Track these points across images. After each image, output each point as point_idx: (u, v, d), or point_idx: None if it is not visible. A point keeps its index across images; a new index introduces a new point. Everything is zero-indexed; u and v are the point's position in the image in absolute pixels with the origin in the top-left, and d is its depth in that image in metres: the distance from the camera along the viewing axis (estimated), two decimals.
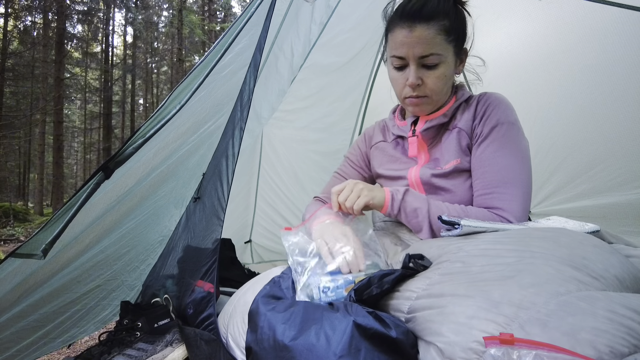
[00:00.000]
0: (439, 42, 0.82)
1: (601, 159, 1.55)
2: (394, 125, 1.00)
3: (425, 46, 0.81)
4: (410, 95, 0.87)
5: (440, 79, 0.85)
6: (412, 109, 0.91)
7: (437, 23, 0.81)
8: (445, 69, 0.85)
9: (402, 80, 0.87)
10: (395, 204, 0.81)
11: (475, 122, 0.87)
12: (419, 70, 0.84)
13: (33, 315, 1.03)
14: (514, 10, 1.75)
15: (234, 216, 2.22)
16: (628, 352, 0.36)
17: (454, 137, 0.88)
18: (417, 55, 0.82)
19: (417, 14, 0.82)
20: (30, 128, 11.70)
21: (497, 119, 0.84)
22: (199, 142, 1.19)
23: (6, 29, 11.50)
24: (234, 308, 0.74)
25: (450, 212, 0.79)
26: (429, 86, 0.85)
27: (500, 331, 0.41)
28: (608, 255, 0.52)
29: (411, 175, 0.91)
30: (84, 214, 0.88)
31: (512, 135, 0.83)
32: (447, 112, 0.90)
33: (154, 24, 16.11)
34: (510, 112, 0.86)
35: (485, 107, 0.87)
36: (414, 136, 0.93)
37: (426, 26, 0.81)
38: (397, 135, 1.00)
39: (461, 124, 0.88)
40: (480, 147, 0.85)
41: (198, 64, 0.99)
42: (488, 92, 0.91)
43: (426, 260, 0.63)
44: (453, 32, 0.84)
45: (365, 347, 0.48)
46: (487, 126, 0.84)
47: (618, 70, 1.42)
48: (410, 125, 0.95)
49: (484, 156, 0.84)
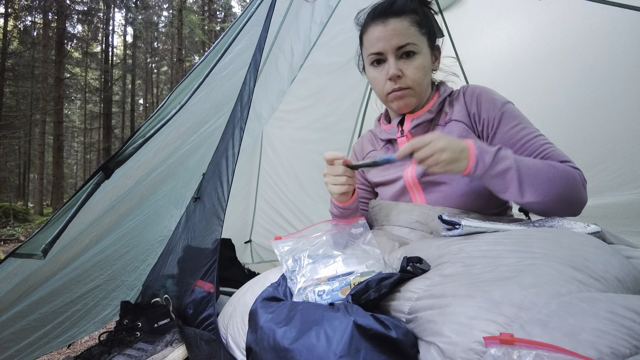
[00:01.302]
0: (413, 32, 0.85)
1: (601, 158, 1.55)
2: (381, 130, 1.01)
3: (401, 37, 0.85)
4: (393, 89, 0.88)
5: (419, 70, 0.87)
6: (396, 104, 0.91)
7: (408, 16, 0.86)
8: (423, 60, 0.87)
9: (382, 76, 0.89)
10: (479, 169, 0.73)
11: (473, 111, 0.87)
12: (398, 62, 0.86)
13: (33, 315, 1.03)
14: (514, 10, 1.75)
15: (234, 216, 2.22)
16: (629, 353, 0.36)
17: (447, 130, 0.88)
18: (394, 46, 0.85)
19: (388, 10, 0.86)
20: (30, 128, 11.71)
21: (501, 102, 0.86)
22: (199, 142, 1.18)
23: (6, 29, 11.51)
24: (233, 308, 0.74)
25: (537, 167, 0.74)
26: (409, 77, 0.87)
27: (501, 331, 0.41)
28: (609, 256, 0.52)
29: (407, 175, 0.91)
30: (84, 214, 0.88)
31: (517, 110, 0.87)
32: (432, 109, 0.91)
33: (154, 24, 16.11)
34: (499, 95, 0.89)
35: (477, 96, 0.88)
36: (402, 136, 0.93)
37: (398, 19, 0.85)
38: (386, 141, 1.01)
39: (455, 116, 0.89)
40: (501, 129, 0.85)
41: (198, 64, 0.99)
42: (470, 84, 0.93)
43: (424, 264, 0.63)
44: (424, 26, 0.88)
45: (365, 348, 0.48)
46: (493, 111, 0.86)
47: (618, 70, 1.42)
48: (397, 126, 0.95)
49: (512, 133, 0.84)
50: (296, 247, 0.77)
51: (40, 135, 10.42)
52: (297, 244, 0.78)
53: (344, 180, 0.82)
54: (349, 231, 0.81)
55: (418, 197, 0.90)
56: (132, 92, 17.90)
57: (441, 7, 1.93)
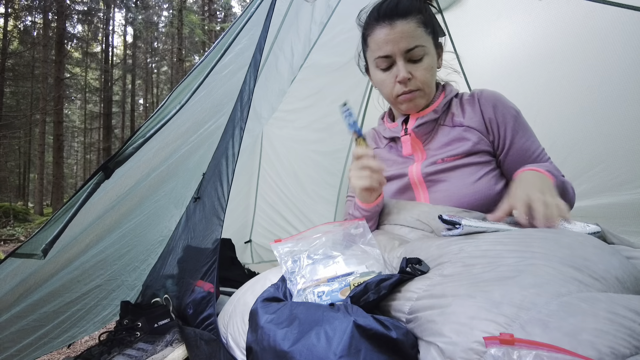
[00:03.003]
0: (420, 34, 0.84)
1: (601, 158, 1.55)
2: (385, 129, 1.01)
3: (409, 39, 0.83)
4: (403, 92, 0.88)
5: (428, 71, 0.87)
6: (405, 105, 0.91)
7: (414, 17, 0.84)
8: (431, 61, 0.87)
9: (391, 79, 0.88)
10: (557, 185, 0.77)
11: (489, 116, 0.88)
12: (407, 65, 0.86)
13: (33, 315, 1.03)
14: (514, 10, 1.75)
15: (234, 216, 2.22)
16: (629, 353, 0.36)
17: (456, 133, 0.89)
18: (403, 49, 0.84)
19: (393, 12, 0.84)
20: (30, 128, 11.71)
21: (515, 111, 0.89)
22: (199, 142, 1.18)
23: (6, 29, 11.51)
24: (233, 308, 0.74)
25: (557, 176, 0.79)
26: (419, 79, 0.86)
27: (501, 331, 0.41)
28: (609, 256, 0.52)
29: (412, 172, 0.91)
30: (84, 214, 0.88)
31: (525, 120, 0.90)
32: (437, 108, 0.91)
33: (154, 24, 16.11)
34: (511, 102, 0.91)
35: (494, 103, 0.89)
36: (406, 135, 0.93)
37: (405, 21, 0.84)
38: (389, 139, 1.00)
39: (468, 122, 0.89)
40: (518, 140, 0.88)
41: (198, 64, 0.99)
42: (484, 89, 0.92)
43: (424, 265, 0.62)
44: (429, 25, 0.87)
45: (365, 348, 0.48)
46: (510, 120, 0.88)
47: (618, 70, 1.42)
48: (401, 124, 0.95)
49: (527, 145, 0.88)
50: (295, 249, 0.77)
51: (40, 135, 10.42)
52: (296, 246, 0.78)
53: (367, 173, 0.80)
54: (349, 232, 0.80)
55: (422, 195, 0.90)
56: (132, 92, 17.90)
57: (441, 7, 1.93)
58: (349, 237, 0.80)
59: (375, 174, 0.80)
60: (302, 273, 0.70)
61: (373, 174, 0.80)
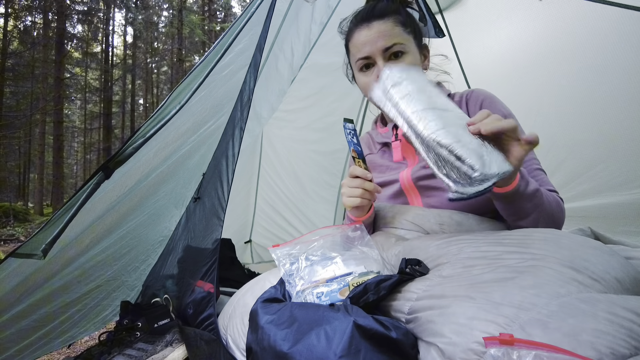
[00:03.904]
0: (398, 32, 0.84)
1: (601, 158, 1.55)
2: (377, 134, 1.00)
3: (386, 38, 0.84)
4: None
5: None
6: None
7: (391, 17, 0.85)
8: (412, 59, 0.86)
9: (373, 80, 0.87)
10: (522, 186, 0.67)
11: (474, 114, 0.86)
12: (387, 64, 0.85)
13: (33, 315, 1.03)
14: (514, 10, 1.75)
15: (234, 216, 2.22)
16: (629, 353, 0.36)
17: None
18: (381, 48, 0.84)
19: (370, 14, 0.86)
20: (30, 128, 11.70)
21: (503, 114, 0.84)
22: (199, 142, 1.18)
23: (6, 29, 11.51)
24: (233, 309, 0.74)
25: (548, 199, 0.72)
26: None
27: (500, 332, 0.41)
28: (608, 257, 0.52)
29: (403, 177, 0.89)
30: (84, 214, 0.88)
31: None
32: None
33: (154, 24, 16.12)
34: (503, 104, 0.88)
35: (482, 102, 0.87)
36: (397, 140, 0.92)
37: (382, 21, 0.85)
38: (382, 144, 1.00)
39: None
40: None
41: (198, 64, 0.99)
42: (476, 89, 0.91)
43: (423, 267, 0.62)
44: (409, 25, 0.87)
45: (365, 348, 0.48)
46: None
47: (618, 71, 1.42)
48: (392, 129, 0.94)
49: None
50: (293, 252, 0.77)
51: (40, 135, 10.43)
52: (294, 249, 0.78)
53: (359, 193, 0.79)
54: (347, 234, 0.80)
55: (415, 200, 0.89)
56: (132, 92, 17.91)
57: (441, 7, 1.93)
58: (347, 239, 0.80)
59: (368, 194, 0.80)
60: (300, 275, 0.69)
61: (365, 193, 0.79)
